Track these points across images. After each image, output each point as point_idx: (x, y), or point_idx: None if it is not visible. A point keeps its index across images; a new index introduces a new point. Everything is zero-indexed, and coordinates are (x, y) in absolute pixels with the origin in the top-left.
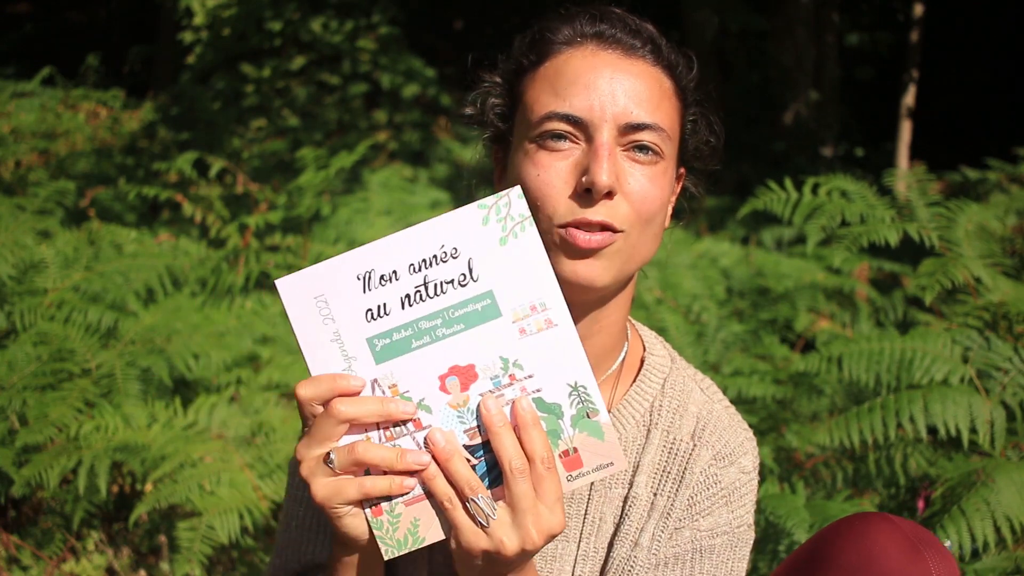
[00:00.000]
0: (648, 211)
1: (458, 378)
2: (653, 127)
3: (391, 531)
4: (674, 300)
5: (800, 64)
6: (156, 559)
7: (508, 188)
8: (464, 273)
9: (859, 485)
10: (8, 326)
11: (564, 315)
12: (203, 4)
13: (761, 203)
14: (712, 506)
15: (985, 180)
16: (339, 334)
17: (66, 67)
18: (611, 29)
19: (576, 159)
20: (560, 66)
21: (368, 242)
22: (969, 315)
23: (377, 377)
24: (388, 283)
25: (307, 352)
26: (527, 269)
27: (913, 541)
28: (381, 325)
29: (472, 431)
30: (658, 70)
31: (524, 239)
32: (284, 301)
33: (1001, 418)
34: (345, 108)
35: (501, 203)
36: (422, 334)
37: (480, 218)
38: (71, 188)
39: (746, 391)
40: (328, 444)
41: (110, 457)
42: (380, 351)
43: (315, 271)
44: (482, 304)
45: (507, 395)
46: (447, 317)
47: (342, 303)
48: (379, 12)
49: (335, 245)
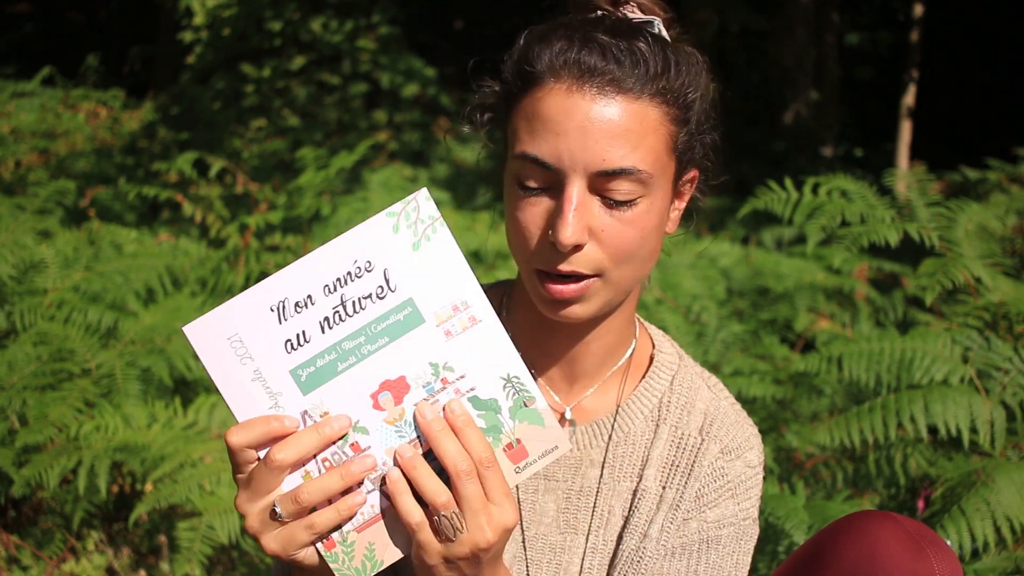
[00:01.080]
0: (626, 252)
1: (391, 392)
2: (629, 171)
3: (347, 561)
4: (674, 300)
5: (800, 64)
6: (156, 559)
7: (417, 193)
8: (381, 285)
9: (859, 485)
10: (8, 326)
11: (486, 310)
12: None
13: (761, 203)
14: (719, 498)
15: (985, 180)
16: (260, 372)
17: (66, 67)
18: (590, 58)
19: (548, 207)
20: (536, 104)
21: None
22: (969, 315)
23: (307, 408)
24: (304, 309)
25: (228, 397)
26: (444, 270)
27: (916, 539)
28: (303, 354)
29: (413, 443)
30: (642, 103)
31: (437, 241)
32: (195, 348)
33: (1001, 418)
34: (345, 108)
35: (409, 208)
36: (347, 355)
37: (390, 226)
38: (71, 188)
39: (746, 391)
40: (270, 495)
41: (110, 457)
42: (306, 381)
43: (224, 311)
44: (404, 313)
45: (442, 400)
46: (370, 333)
47: (258, 339)
48: (379, 12)
49: None
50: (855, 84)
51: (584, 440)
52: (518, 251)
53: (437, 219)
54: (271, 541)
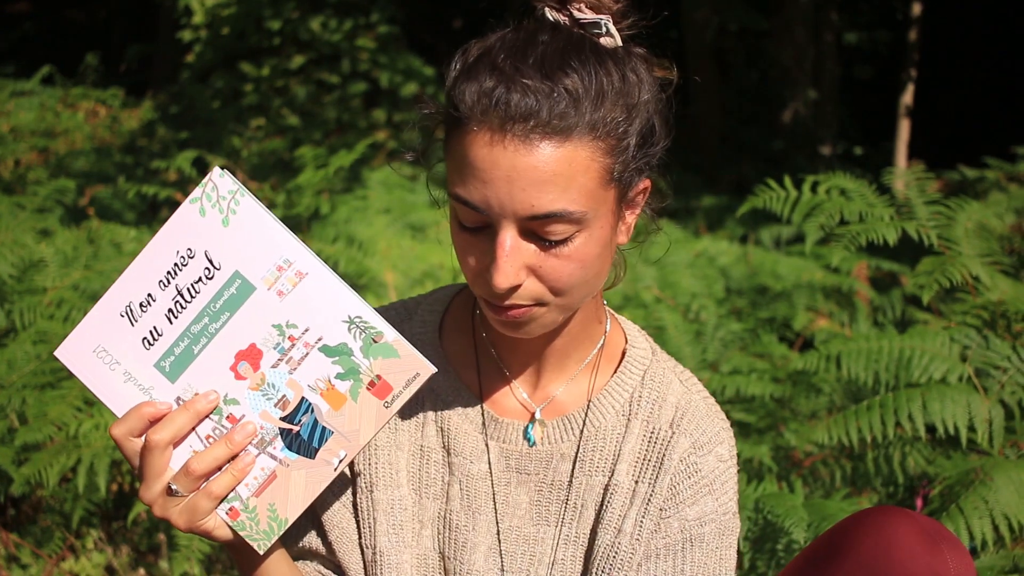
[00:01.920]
0: (566, 284)
1: (247, 361)
2: (559, 215)
3: (254, 526)
4: (672, 299)
5: (799, 63)
6: (155, 557)
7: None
8: (207, 267)
9: (857, 484)
10: (8, 325)
11: (311, 262)
12: (202, 3)
13: (760, 201)
14: (696, 495)
15: (983, 179)
16: (129, 373)
17: (65, 66)
18: (513, 101)
19: (485, 246)
20: (464, 148)
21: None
22: (968, 314)
23: (179, 394)
24: (149, 307)
25: (108, 402)
26: (257, 236)
27: (932, 535)
28: (160, 347)
29: (282, 402)
30: (570, 145)
31: (242, 211)
32: (70, 368)
33: (999, 417)
34: (344, 107)
35: (208, 189)
36: (198, 337)
37: (196, 211)
38: (70, 187)
39: (744, 390)
40: (163, 476)
41: (109, 455)
42: (170, 370)
43: (82, 328)
44: (235, 286)
45: (295, 356)
46: (211, 312)
47: (119, 343)
48: (378, 11)
49: (334, 244)
50: (854, 83)
51: (555, 435)
52: (465, 277)
53: (237, 191)
54: (177, 517)
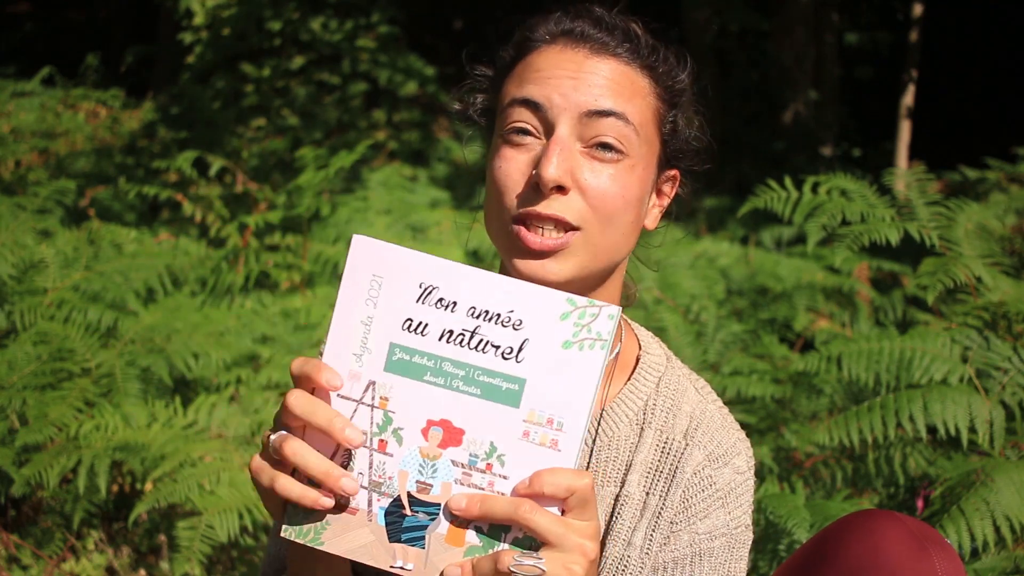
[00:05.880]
0: (608, 209)
1: (444, 432)
2: (618, 115)
3: (302, 513)
4: (673, 300)
5: (799, 64)
6: (156, 558)
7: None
8: (512, 347)
9: (858, 484)
10: (8, 326)
11: (573, 448)
12: (203, 4)
13: (761, 202)
14: (709, 508)
15: (984, 179)
16: (371, 320)
17: (66, 67)
18: (582, 26)
19: (536, 153)
20: (531, 62)
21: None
22: (968, 315)
23: (377, 380)
24: (441, 309)
25: (336, 319)
26: (570, 386)
27: (919, 538)
28: (410, 340)
29: (423, 487)
30: (632, 68)
31: (588, 357)
32: (349, 258)
33: (1000, 418)
34: (345, 107)
35: (589, 311)
36: (439, 374)
37: (560, 312)
38: (71, 187)
39: (745, 391)
40: (278, 427)
41: (110, 456)
42: (394, 362)
43: (392, 250)
44: (509, 386)
45: (474, 478)
46: (471, 376)
47: (392, 296)
48: (378, 12)
49: (334, 244)
50: (854, 84)
51: None
52: (498, 206)
53: (604, 341)
54: (254, 460)
